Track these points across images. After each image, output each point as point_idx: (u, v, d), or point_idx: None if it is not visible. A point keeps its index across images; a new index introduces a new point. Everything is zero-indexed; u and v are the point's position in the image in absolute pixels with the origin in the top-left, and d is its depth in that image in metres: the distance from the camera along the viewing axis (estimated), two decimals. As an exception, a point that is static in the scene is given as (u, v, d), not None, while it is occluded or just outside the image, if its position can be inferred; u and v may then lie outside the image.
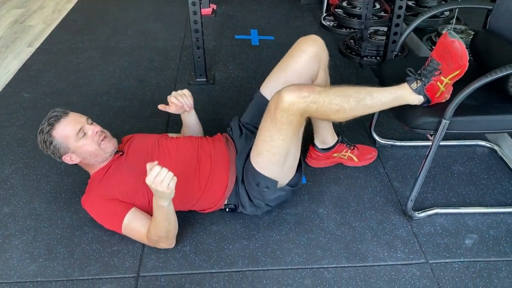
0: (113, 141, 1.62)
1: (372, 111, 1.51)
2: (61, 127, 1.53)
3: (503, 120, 1.52)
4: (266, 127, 1.49)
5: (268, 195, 1.60)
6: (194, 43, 2.44)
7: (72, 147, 1.54)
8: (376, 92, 1.48)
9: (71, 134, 1.53)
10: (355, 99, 1.45)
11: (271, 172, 1.55)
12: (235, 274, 1.51)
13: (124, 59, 2.85)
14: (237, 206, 1.68)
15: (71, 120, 1.55)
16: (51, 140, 1.53)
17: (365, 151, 1.97)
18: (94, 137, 1.55)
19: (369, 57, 2.78)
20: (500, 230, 1.66)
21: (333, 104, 1.43)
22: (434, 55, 1.44)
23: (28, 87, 2.55)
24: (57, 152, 1.55)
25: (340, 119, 1.50)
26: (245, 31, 3.26)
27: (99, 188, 1.58)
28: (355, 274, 1.50)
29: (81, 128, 1.54)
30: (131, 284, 1.47)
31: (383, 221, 1.70)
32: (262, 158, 1.54)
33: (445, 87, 1.45)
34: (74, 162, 1.58)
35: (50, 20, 3.45)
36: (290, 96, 1.40)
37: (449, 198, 1.79)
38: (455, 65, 1.39)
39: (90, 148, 1.55)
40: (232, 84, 2.60)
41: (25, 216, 1.72)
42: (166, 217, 1.45)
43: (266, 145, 1.51)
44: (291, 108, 1.41)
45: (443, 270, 1.52)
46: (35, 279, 1.49)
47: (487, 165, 1.96)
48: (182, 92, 1.74)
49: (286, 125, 1.45)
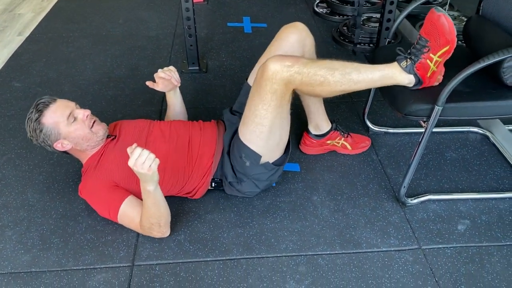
0: (103, 125, 1.62)
1: (359, 87, 1.48)
2: (50, 113, 1.51)
3: (495, 106, 1.53)
4: (252, 97, 1.52)
5: (250, 169, 1.60)
6: (186, 31, 2.42)
7: (63, 133, 1.53)
8: (363, 68, 1.47)
9: (62, 119, 1.52)
10: (340, 72, 1.44)
11: (256, 145, 1.56)
12: (230, 262, 1.51)
13: (116, 48, 2.82)
14: (222, 180, 1.68)
15: (60, 105, 1.54)
16: (41, 127, 1.51)
17: (358, 139, 1.97)
18: (85, 121, 1.55)
19: (362, 44, 2.77)
20: (492, 216, 1.67)
21: (318, 75, 1.42)
22: (422, 32, 1.44)
23: (18, 77, 2.52)
24: (48, 140, 1.53)
25: (326, 92, 1.49)
26: (237, 18, 3.23)
27: (97, 173, 1.58)
28: (349, 261, 1.51)
29: (71, 112, 1.53)
30: (126, 274, 1.47)
31: (377, 208, 1.71)
32: (247, 128, 1.55)
33: (436, 66, 1.44)
34: (66, 148, 1.57)
35: (39, 8, 3.40)
36: (274, 65, 1.41)
37: (441, 184, 1.80)
38: (443, 40, 1.38)
39: (81, 132, 1.54)
40: (225, 72, 2.59)
41: (18, 207, 1.71)
42: (155, 202, 1.45)
43: (251, 115, 1.52)
44: (274, 76, 1.42)
45: (436, 255, 1.53)
46: (29, 269, 1.49)
47: (479, 151, 1.98)
48: (168, 68, 1.74)
49: (270, 94, 1.45)
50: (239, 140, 1.59)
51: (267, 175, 1.65)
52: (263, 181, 1.66)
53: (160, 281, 1.45)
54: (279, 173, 1.70)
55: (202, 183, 1.67)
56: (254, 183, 1.65)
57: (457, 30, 1.41)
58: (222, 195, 1.75)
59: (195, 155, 1.65)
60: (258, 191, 1.70)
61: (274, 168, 1.64)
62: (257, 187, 1.67)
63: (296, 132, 2.08)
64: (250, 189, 1.67)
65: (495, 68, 1.49)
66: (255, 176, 1.63)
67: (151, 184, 1.41)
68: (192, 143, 1.67)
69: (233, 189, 1.69)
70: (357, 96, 2.33)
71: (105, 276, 1.46)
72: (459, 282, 1.45)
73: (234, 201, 1.73)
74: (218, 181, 1.69)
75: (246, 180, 1.64)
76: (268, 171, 1.63)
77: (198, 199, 1.72)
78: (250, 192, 1.70)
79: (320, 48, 2.68)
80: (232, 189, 1.69)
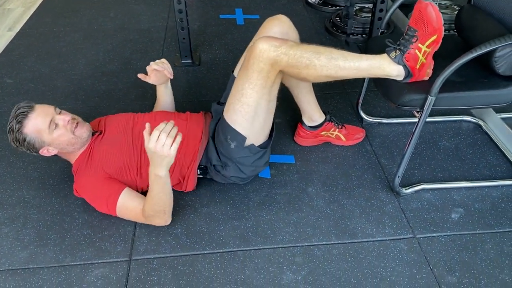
0: (86, 126, 1.62)
1: (347, 74, 1.48)
2: (31, 123, 1.50)
3: (488, 95, 1.54)
4: (239, 78, 1.54)
5: (235, 152, 1.60)
6: (179, 23, 2.41)
7: (47, 140, 1.53)
8: (351, 56, 1.47)
9: (43, 128, 1.50)
10: (326, 57, 1.44)
11: (241, 126, 1.56)
12: (227, 254, 1.52)
13: (108, 42, 2.80)
14: (207, 167, 1.69)
15: (39, 113, 1.51)
16: (23, 137, 1.50)
17: (353, 131, 1.98)
18: (67, 126, 1.54)
19: (355, 35, 2.77)
20: (485, 204, 1.69)
21: (304, 57, 1.43)
22: (411, 22, 1.44)
23: (10, 73, 2.50)
24: (33, 148, 1.54)
25: (312, 77, 1.49)
26: (229, 10, 3.22)
27: (89, 169, 1.58)
28: (344, 251, 1.53)
29: (52, 120, 1.51)
30: (123, 268, 1.48)
31: (371, 198, 1.72)
32: (233, 108, 1.56)
33: (425, 58, 1.45)
34: (52, 153, 1.58)
35: (29, 3, 3.36)
36: (262, 44, 1.44)
37: (435, 173, 1.82)
38: (431, 29, 1.39)
39: (65, 138, 1.54)
40: (218, 65, 2.58)
41: (13, 203, 1.71)
42: (163, 188, 1.46)
43: (237, 94, 1.53)
44: (261, 55, 1.44)
45: (430, 244, 1.55)
46: (26, 266, 1.49)
47: (472, 140, 1.99)
48: (161, 61, 1.75)
49: (257, 73, 1.46)
50: (224, 121, 1.59)
51: (252, 159, 1.64)
52: (247, 166, 1.66)
53: (158, 274, 1.46)
54: (265, 160, 1.70)
55: (189, 172, 1.67)
56: (238, 168, 1.65)
57: (449, 19, 1.42)
58: (218, 188, 1.75)
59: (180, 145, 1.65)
60: (244, 176, 1.70)
61: (259, 152, 1.64)
62: (241, 172, 1.67)
63: (290, 124, 2.08)
64: (234, 174, 1.67)
65: (487, 57, 1.50)
66: (240, 160, 1.63)
67: (163, 169, 1.41)
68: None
69: (218, 174, 1.69)
70: (350, 87, 2.34)
71: (103, 271, 1.47)
72: (453, 269, 1.47)
73: (230, 194, 1.73)
74: (203, 167, 1.69)
75: (230, 164, 1.64)
76: (253, 155, 1.64)
77: (194, 192, 1.73)
78: (235, 177, 1.69)
79: (313, 39, 2.67)
80: (217, 174, 1.69)
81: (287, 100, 1.93)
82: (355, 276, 1.45)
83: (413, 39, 1.43)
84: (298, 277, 1.45)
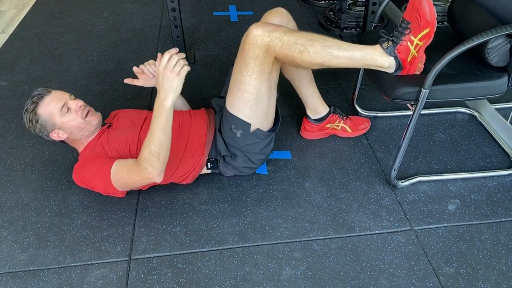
0: (97, 115, 1.67)
1: (340, 63, 1.49)
2: (45, 105, 1.57)
3: (481, 87, 1.55)
4: (236, 66, 1.56)
5: (242, 140, 1.62)
6: (172, 22, 2.41)
7: (58, 123, 1.58)
8: (345, 45, 1.49)
9: (55, 111, 1.57)
10: (321, 44, 1.46)
11: (243, 114, 1.58)
12: (226, 251, 1.53)
13: (102, 42, 2.80)
14: (217, 160, 1.71)
15: (54, 97, 1.59)
16: (36, 118, 1.57)
17: (358, 121, 1.98)
18: (78, 112, 1.60)
19: (349, 29, 2.77)
20: (481, 194, 1.71)
21: (298, 44, 1.45)
22: (405, 15, 1.46)
23: (4, 75, 2.49)
24: (44, 130, 1.59)
25: (306, 63, 1.50)
26: (223, 7, 3.21)
27: (90, 153, 1.63)
28: (343, 245, 1.54)
29: (65, 104, 1.58)
30: (123, 268, 1.49)
31: (368, 192, 1.73)
32: (234, 97, 1.58)
33: (417, 51, 1.46)
34: (62, 138, 1.63)
35: (21, 4, 3.34)
36: (256, 29, 1.46)
37: (431, 165, 1.83)
38: (423, 22, 1.40)
39: (75, 123, 1.59)
40: (212, 62, 2.58)
41: (12, 206, 1.71)
42: (165, 124, 1.44)
43: (237, 82, 1.55)
44: (256, 40, 1.46)
45: (428, 235, 1.56)
46: (27, 268, 1.50)
47: (467, 131, 2.00)
48: (148, 63, 1.75)
49: (253, 59, 1.49)
50: (227, 112, 1.61)
51: (260, 145, 1.66)
52: (256, 154, 1.68)
53: (158, 273, 1.47)
54: (271, 147, 1.73)
55: (196, 165, 1.68)
56: (247, 157, 1.68)
57: (442, 11, 1.43)
58: (216, 186, 1.76)
59: (186, 136, 1.68)
60: (254, 166, 1.73)
61: (267, 136, 1.66)
62: (250, 161, 1.69)
63: (287, 120, 2.09)
64: (245, 164, 1.70)
65: (480, 49, 1.51)
66: (248, 148, 1.65)
67: (170, 97, 1.42)
68: (182, 126, 1.70)
69: (228, 167, 1.71)
70: (345, 81, 2.35)
71: (103, 271, 1.48)
72: (450, 260, 1.48)
73: (228, 191, 1.74)
74: (213, 160, 1.71)
75: (239, 154, 1.67)
76: (261, 140, 1.65)
77: (192, 190, 1.74)
78: (246, 167, 1.72)
79: (307, 34, 2.64)
80: (228, 167, 1.71)
81: (282, 96, 1.94)
82: (354, 269, 1.46)
83: (406, 31, 1.44)
84: (297, 272, 1.46)
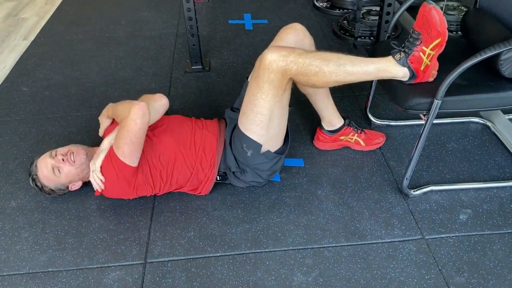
0: (80, 150, 1.71)
1: (355, 79, 1.53)
2: (43, 178, 1.68)
3: (494, 98, 1.56)
4: (250, 88, 1.58)
5: (251, 159, 1.65)
6: (188, 30, 2.46)
7: (63, 182, 1.70)
8: (358, 60, 1.51)
9: (53, 178, 1.67)
10: (335, 63, 1.48)
11: (256, 134, 1.61)
12: (238, 256, 1.56)
13: (120, 49, 2.86)
14: (226, 173, 1.74)
15: (41, 167, 1.68)
16: (49, 188, 1.71)
17: (372, 136, 1.99)
18: (66, 163, 1.67)
19: (363, 38, 2.79)
20: (494, 204, 1.71)
21: (313, 65, 1.47)
22: (415, 26, 1.48)
23: (26, 81, 2.57)
24: (61, 190, 1.73)
25: (321, 83, 1.53)
26: (238, 15, 3.26)
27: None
28: (354, 252, 1.56)
29: (53, 167, 1.66)
30: (139, 271, 1.53)
31: (380, 200, 1.75)
32: (246, 118, 1.60)
33: (429, 60, 1.48)
34: (79, 185, 1.74)
35: (43, 12, 3.44)
36: (271, 54, 1.48)
37: (443, 175, 1.84)
38: (434, 32, 1.42)
39: (72, 173, 1.68)
40: (227, 70, 2.62)
41: (32, 209, 1.77)
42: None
43: (250, 104, 1.58)
44: (271, 65, 1.48)
45: (439, 245, 1.57)
46: (46, 269, 1.54)
47: (480, 141, 2.01)
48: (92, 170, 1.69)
49: (268, 83, 1.51)
50: (239, 130, 1.64)
51: (269, 164, 1.69)
52: (265, 171, 1.71)
53: (172, 277, 1.50)
54: (281, 163, 1.74)
55: (208, 176, 1.71)
56: (256, 173, 1.71)
57: (457, 20, 1.44)
58: (229, 192, 1.79)
59: (198, 147, 1.71)
60: (262, 181, 1.76)
61: (275, 157, 1.69)
62: (260, 177, 1.72)
63: (299, 128, 2.12)
64: (253, 179, 1.73)
65: (493, 60, 1.52)
66: (257, 166, 1.68)
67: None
68: (195, 136, 1.73)
69: (238, 180, 1.74)
70: (359, 90, 2.37)
71: (119, 274, 1.52)
72: (461, 270, 1.49)
73: (241, 197, 1.77)
74: (223, 174, 1.74)
75: (248, 170, 1.70)
76: (270, 160, 1.68)
77: (206, 196, 1.77)
78: (254, 182, 1.75)
79: (321, 42, 2.70)
80: (237, 180, 1.74)
81: (295, 105, 1.97)
82: (365, 277, 1.48)
83: (417, 41, 1.46)
84: (309, 279, 1.48)
